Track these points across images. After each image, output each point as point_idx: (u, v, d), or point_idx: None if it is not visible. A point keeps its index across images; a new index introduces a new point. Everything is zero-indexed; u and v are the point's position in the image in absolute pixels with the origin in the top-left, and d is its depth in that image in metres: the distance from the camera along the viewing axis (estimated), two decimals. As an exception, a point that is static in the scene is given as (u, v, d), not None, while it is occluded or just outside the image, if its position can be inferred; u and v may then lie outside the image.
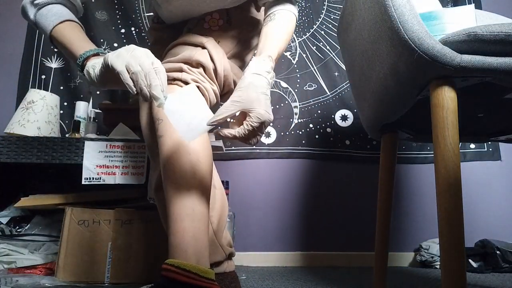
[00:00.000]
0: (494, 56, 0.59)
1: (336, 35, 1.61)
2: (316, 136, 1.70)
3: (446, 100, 0.62)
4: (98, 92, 1.63)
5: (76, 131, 1.30)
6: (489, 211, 1.67)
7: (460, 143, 1.63)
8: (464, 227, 0.58)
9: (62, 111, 1.56)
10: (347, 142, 1.70)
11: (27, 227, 1.16)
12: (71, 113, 1.52)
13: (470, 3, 1.88)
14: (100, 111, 1.41)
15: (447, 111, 0.61)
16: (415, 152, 1.73)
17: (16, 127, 1.21)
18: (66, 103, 1.61)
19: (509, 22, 0.59)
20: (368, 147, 1.70)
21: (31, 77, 1.64)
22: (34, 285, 0.93)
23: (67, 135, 1.39)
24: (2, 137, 1.09)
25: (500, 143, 1.75)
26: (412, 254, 1.61)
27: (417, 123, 0.92)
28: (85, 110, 1.46)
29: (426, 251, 1.53)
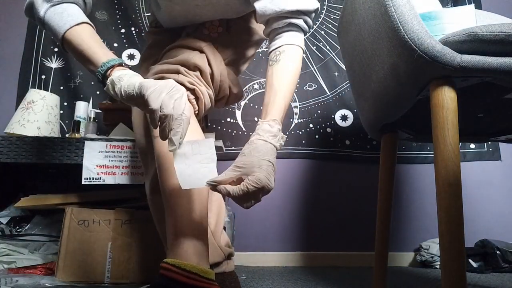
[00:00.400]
0: (494, 56, 0.59)
1: (336, 35, 1.61)
2: (316, 136, 1.70)
3: (446, 100, 0.62)
4: (98, 92, 1.63)
5: (76, 131, 1.30)
6: (489, 211, 1.67)
7: (460, 143, 1.63)
8: (464, 227, 0.58)
9: (62, 111, 1.56)
10: (347, 142, 1.70)
11: (27, 227, 1.16)
12: (71, 113, 1.52)
13: (470, 3, 1.88)
14: (100, 111, 1.41)
15: (447, 111, 0.61)
16: (415, 152, 1.73)
17: (16, 127, 1.21)
18: (66, 103, 1.61)
19: (509, 22, 0.59)
20: (368, 147, 1.70)
21: (31, 77, 1.64)
22: (34, 285, 0.93)
23: (67, 135, 1.39)
24: (2, 137, 1.09)
25: (500, 143, 1.75)
26: (412, 254, 1.61)
27: (417, 123, 0.92)
28: (85, 110, 1.46)
29: (426, 251, 1.52)
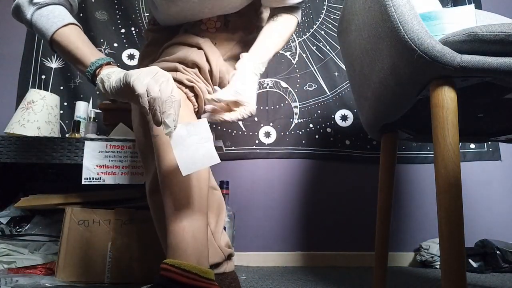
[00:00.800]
0: (494, 56, 0.59)
1: (336, 35, 1.61)
2: (316, 136, 1.70)
3: (446, 100, 0.62)
4: (98, 92, 1.63)
5: (76, 131, 1.30)
6: (489, 211, 1.67)
7: (460, 143, 1.63)
8: (464, 227, 0.58)
9: (62, 111, 1.56)
10: (347, 142, 1.70)
11: (27, 227, 1.16)
12: (71, 113, 1.52)
13: (470, 3, 1.88)
14: (100, 111, 1.41)
15: (447, 111, 0.61)
16: (415, 152, 1.73)
17: (16, 127, 1.21)
18: (66, 103, 1.61)
19: (509, 22, 0.59)
20: (368, 147, 1.70)
21: (31, 77, 1.64)
22: (34, 285, 0.93)
23: (67, 135, 1.39)
24: (2, 137, 1.09)
25: (500, 143, 1.75)
26: (412, 254, 1.61)
27: (417, 123, 0.92)
28: (85, 110, 1.46)
29: (426, 251, 1.52)
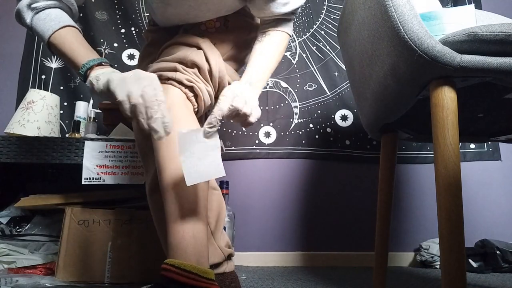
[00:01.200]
0: (494, 56, 0.60)
1: (336, 35, 1.61)
2: (316, 136, 1.70)
3: (446, 100, 0.62)
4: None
5: (76, 131, 1.30)
6: (489, 211, 1.67)
7: (460, 143, 1.63)
8: (464, 227, 0.58)
9: (62, 111, 1.56)
10: (347, 142, 1.70)
11: (27, 227, 1.16)
12: (71, 113, 1.52)
13: (470, 3, 1.88)
14: (100, 111, 1.41)
15: (447, 111, 0.61)
16: (415, 152, 1.73)
17: (16, 127, 1.21)
18: (66, 103, 1.60)
19: (509, 22, 0.59)
20: (368, 147, 1.70)
21: (31, 77, 1.64)
22: (34, 285, 0.93)
23: (67, 135, 1.39)
24: (2, 137, 1.09)
25: (500, 143, 1.75)
26: (412, 254, 1.61)
27: (417, 123, 0.92)
28: (85, 110, 1.46)
29: (426, 251, 1.52)
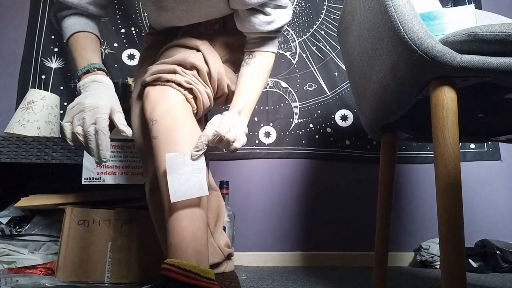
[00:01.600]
0: (494, 56, 0.59)
1: (336, 35, 1.61)
2: (316, 136, 1.70)
3: (446, 100, 0.62)
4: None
5: (76, 131, 1.30)
6: (489, 211, 1.67)
7: (460, 143, 1.63)
8: (464, 227, 0.58)
9: (62, 111, 1.56)
10: (347, 142, 1.70)
11: (27, 227, 1.16)
12: (71, 113, 1.52)
13: (470, 3, 1.88)
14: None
15: (447, 111, 0.61)
16: (415, 152, 1.73)
17: (16, 127, 1.21)
18: (66, 103, 1.60)
19: (509, 22, 0.59)
20: (368, 147, 1.70)
21: (31, 77, 1.64)
22: (34, 285, 0.93)
23: (67, 135, 1.38)
24: (2, 137, 1.09)
25: (500, 143, 1.75)
26: (412, 254, 1.61)
27: (417, 123, 0.92)
28: (85, 110, 1.45)
29: (426, 251, 1.52)
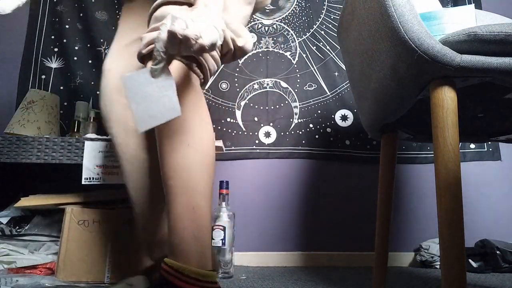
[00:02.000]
0: (494, 56, 0.60)
1: (336, 35, 1.60)
2: (316, 136, 1.70)
3: (446, 100, 0.62)
4: (98, 92, 1.63)
5: (76, 131, 1.30)
6: (489, 211, 1.67)
7: (460, 143, 1.63)
8: (464, 227, 0.58)
9: (62, 111, 1.56)
10: (347, 142, 1.70)
11: (27, 227, 1.16)
12: (71, 113, 1.52)
13: (470, 3, 1.88)
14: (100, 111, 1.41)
15: (447, 111, 0.61)
16: (415, 152, 1.73)
17: (16, 127, 1.21)
18: (66, 103, 1.60)
19: (509, 22, 0.59)
20: (368, 147, 1.70)
21: (31, 77, 1.64)
22: (34, 285, 0.93)
23: (67, 135, 1.39)
24: (2, 137, 1.09)
25: (500, 143, 1.75)
26: (412, 254, 1.61)
27: (417, 123, 0.92)
28: (85, 110, 1.46)
29: (426, 251, 1.52)
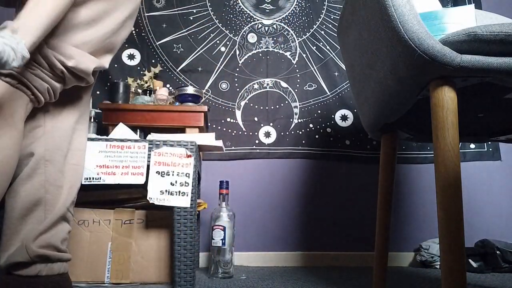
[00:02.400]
0: (494, 56, 0.60)
1: (336, 35, 1.61)
2: (316, 136, 1.70)
3: (446, 100, 0.62)
4: (98, 92, 1.63)
5: (76, 131, 1.30)
6: (489, 211, 1.67)
7: (460, 143, 1.63)
8: (464, 227, 0.58)
9: (62, 111, 1.56)
10: (347, 142, 1.70)
11: (27, 227, 1.16)
12: (71, 113, 1.52)
13: (470, 3, 1.88)
14: (100, 111, 1.41)
15: (447, 111, 0.61)
16: (415, 152, 1.73)
17: (16, 127, 1.21)
18: (66, 103, 1.60)
19: (509, 22, 0.59)
20: (368, 147, 1.70)
21: (31, 77, 1.63)
22: (34, 285, 0.93)
23: (67, 135, 1.38)
24: (2, 137, 1.09)
25: (500, 143, 1.75)
26: (412, 254, 1.61)
27: (417, 123, 0.92)
28: (85, 110, 1.45)
29: (426, 251, 1.53)
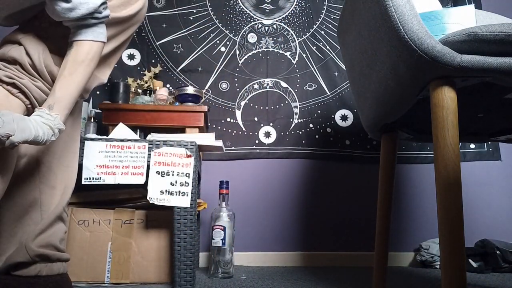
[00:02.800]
0: (494, 56, 0.60)
1: (336, 35, 1.61)
2: (316, 136, 1.70)
3: (446, 100, 0.62)
4: (98, 92, 1.63)
5: (76, 131, 1.30)
6: (489, 211, 1.67)
7: (460, 143, 1.64)
8: (464, 227, 0.58)
9: (62, 111, 1.56)
10: (347, 142, 1.70)
11: (27, 227, 1.16)
12: (71, 113, 1.52)
13: (470, 3, 1.88)
14: (100, 111, 1.41)
15: (447, 111, 0.61)
16: (415, 152, 1.73)
17: (16, 127, 1.21)
18: (66, 103, 1.60)
19: (509, 22, 0.59)
20: (368, 147, 1.70)
21: (31, 77, 1.63)
22: (34, 285, 0.93)
23: (67, 135, 1.38)
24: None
25: (500, 143, 1.75)
26: (412, 254, 1.61)
27: (417, 123, 0.92)
28: (85, 110, 1.45)
29: (426, 251, 1.53)
